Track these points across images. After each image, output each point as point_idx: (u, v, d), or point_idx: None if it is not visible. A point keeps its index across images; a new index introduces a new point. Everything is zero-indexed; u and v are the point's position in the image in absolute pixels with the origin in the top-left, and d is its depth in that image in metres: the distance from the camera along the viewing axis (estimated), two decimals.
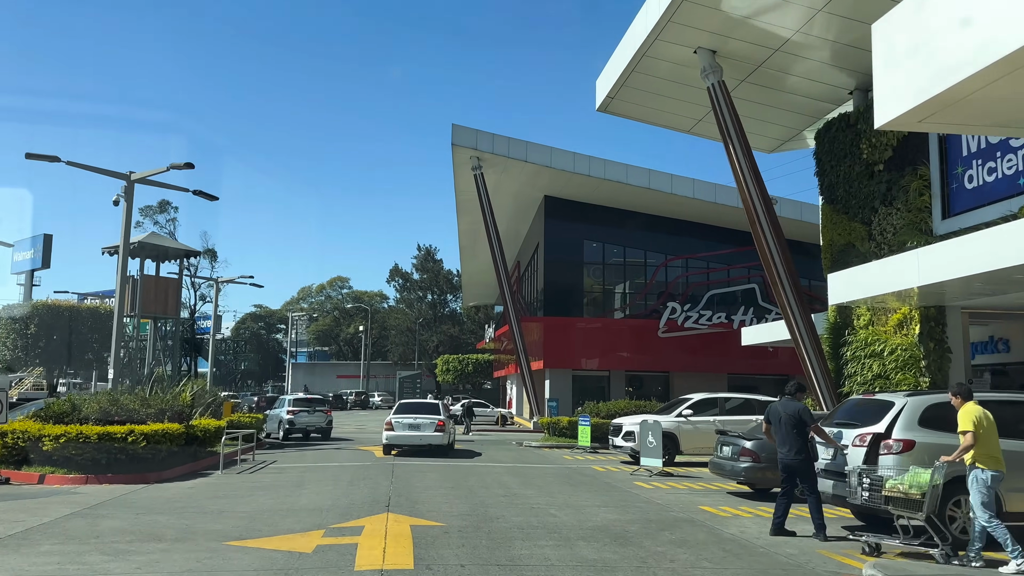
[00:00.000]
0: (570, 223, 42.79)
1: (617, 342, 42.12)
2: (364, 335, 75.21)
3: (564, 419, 26.96)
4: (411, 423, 21.83)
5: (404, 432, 21.76)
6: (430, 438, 21.66)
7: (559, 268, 42.61)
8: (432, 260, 79.55)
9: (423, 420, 21.80)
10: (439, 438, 21.67)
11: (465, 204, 45.93)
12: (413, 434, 21.71)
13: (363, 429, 38.88)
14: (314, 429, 28.72)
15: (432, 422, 21.79)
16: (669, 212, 42.53)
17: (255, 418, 25.54)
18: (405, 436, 21.77)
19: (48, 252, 74.79)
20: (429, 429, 21.69)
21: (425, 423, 21.73)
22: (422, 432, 21.68)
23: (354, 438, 30.55)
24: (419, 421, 21.80)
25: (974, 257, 11.76)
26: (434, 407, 23.26)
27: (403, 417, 21.99)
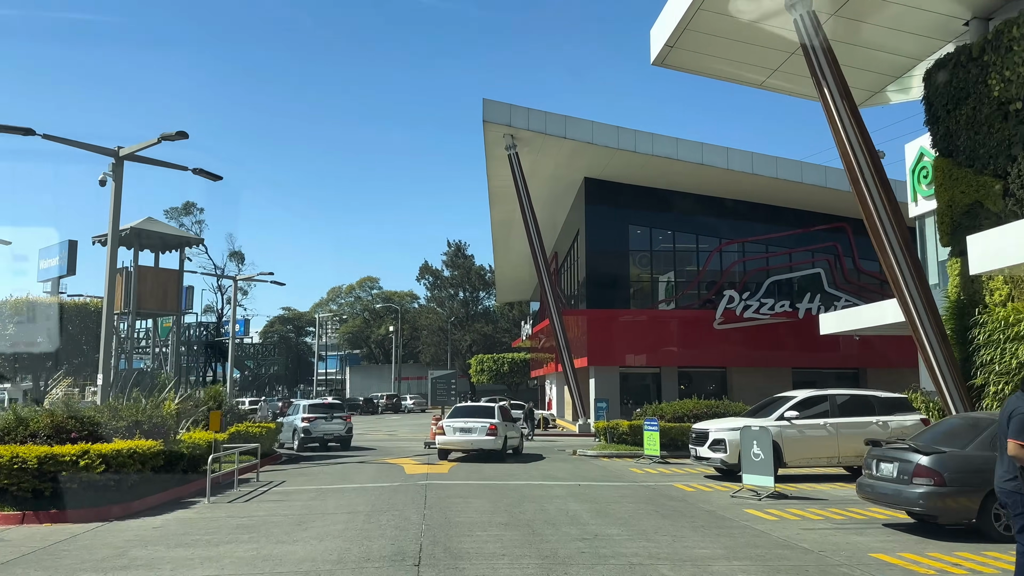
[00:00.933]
0: (613, 207, 38.58)
1: (667, 336, 37.82)
2: (394, 336, 71.46)
3: (624, 423, 22.75)
4: (462, 427, 20.90)
5: (455, 436, 20.93)
6: (481, 442, 20.70)
7: (602, 256, 38.39)
8: (463, 255, 75.49)
9: (475, 424, 20.83)
10: (490, 442, 20.63)
11: (498, 192, 41.91)
12: (464, 438, 20.86)
13: (393, 436, 34.99)
14: (332, 438, 24.95)
15: (483, 426, 20.72)
16: (723, 191, 38.15)
17: (265, 428, 21.73)
18: (456, 440, 20.98)
19: (73, 258, 72.19)
20: (480, 433, 20.66)
21: (476, 427, 20.75)
22: (473, 436, 20.73)
23: (379, 447, 26.63)
24: (470, 425, 20.86)
25: None
26: (487, 411, 21.99)
27: (454, 421, 21.19)
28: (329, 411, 25.58)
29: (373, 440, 31.64)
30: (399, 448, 25.92)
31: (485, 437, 20.49)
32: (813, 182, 35.58)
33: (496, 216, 46.85)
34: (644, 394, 38.78)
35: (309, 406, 25.68)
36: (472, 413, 21.70)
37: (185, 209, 77.08)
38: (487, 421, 20.80)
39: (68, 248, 71.90)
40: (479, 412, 21.83)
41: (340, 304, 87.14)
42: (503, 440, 20.88)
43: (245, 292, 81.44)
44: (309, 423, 24.65)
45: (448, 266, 75.83)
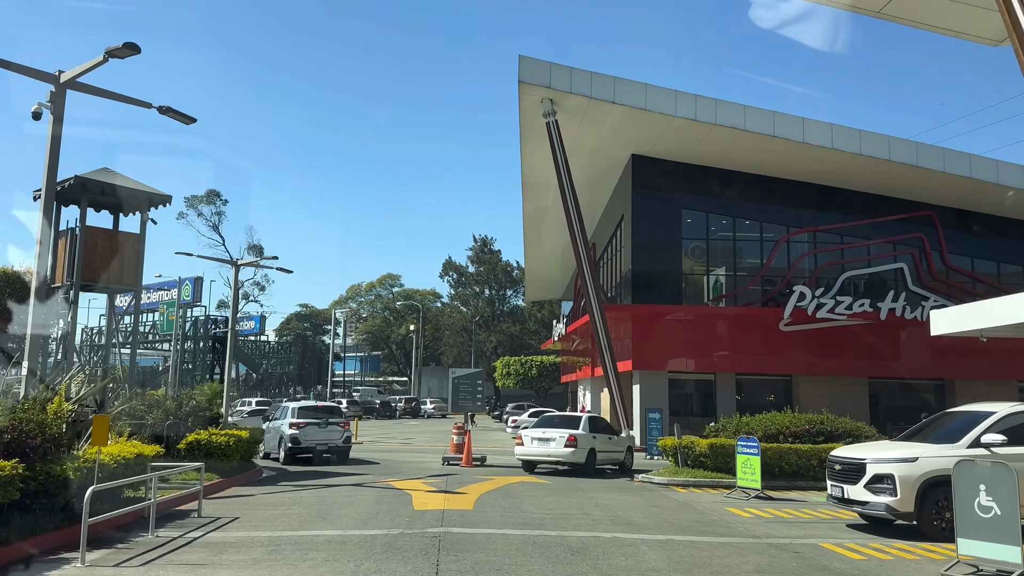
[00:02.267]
0: (664, 190, 33.02)
1: (724, 337, 32.16)
2: (415, 335, 66.27)
3: (700, 441, 17.12)
4: (540, 437, 19.20)
5: (532, 447, 19.26)
6: (560, 454, 18.79)
7: (650, 246, 32.81)
8: (489, 251, 70.01)
9: (553, 434, 18.97)
10: (570, 454, 18.64)
11: (532, 177, 36.70)
12: (540, 449, 19.12)
13: (408, 444, 29.65)
14: (326, 449, 19.73)
15: (562, 437, 18.70)
16: (791, 171, 32.50)
17: (233, 437, 16.46)
18: (533, 451, 19.27)
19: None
20: (559, 444, 18.73)
21: (555, 437, 18.84)
22: (550, 448, 18.90)
23: (387, 461, 21.29)
24: (548, 435, 19.07)
25: None
26: (572, 421, 19.86)
27: (533, 431, 19.61)
28: (323, 416, 20.35)
29: (383, 450, 26.32)
30: (411, 463, 20.56)
31: (564, 449, 18.40)
32: (903, 160, 29.82)
33: (528, 206, 41.54)
34: (695, 404, 33.18)
35: (298, 409, 20.44)
36: (555, 423, 19.70)
37: (207, 198, 72.58)
38: (566, 431, 18.62)
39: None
40: (561, 422, 19.73)
41: (360, 302, 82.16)
42: (586, 453, 18.60)
43: (262, 288, 76.88)
44: (298, 430, 19.49)
45: (473, 262, 70.44)
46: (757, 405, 34.20)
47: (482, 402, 20.11)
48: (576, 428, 18.95)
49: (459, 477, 16.66)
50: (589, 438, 18.82)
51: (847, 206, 33.51)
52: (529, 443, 19.11)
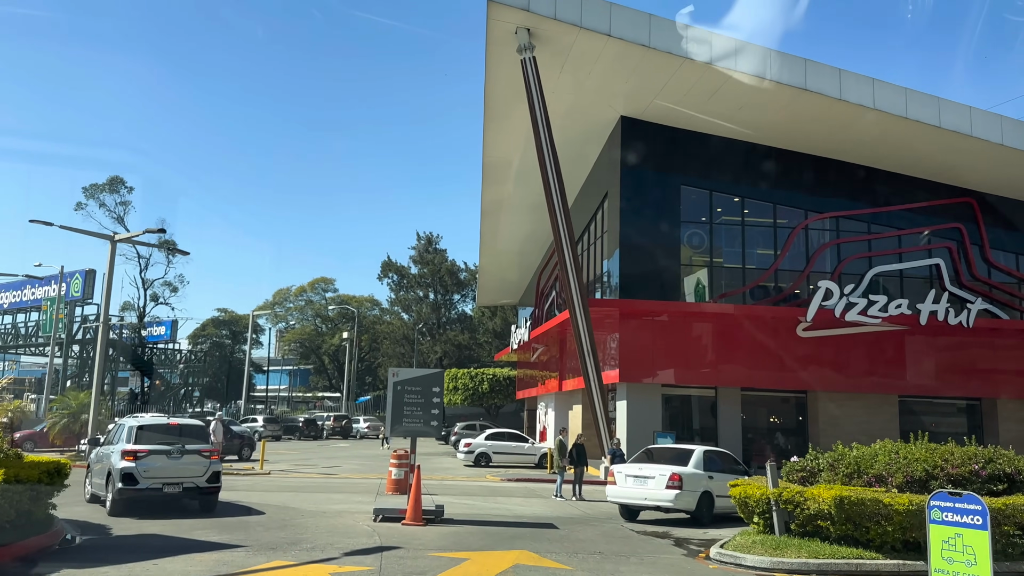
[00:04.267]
0: (659, 160, 26.73)
1: (729, 343, 25.91)
2: (349, 345, 58.27)
3: (823, 494, 9.84)
4: (636, 475, 14.71)
5: (628, 488, 14.80)
6: (660, 498, 14.22)
7: (641, 228, 26.38)
8: (434, 249, 62.44)
9: (652, 471, 14.44)
10: (674, 499, 14.10)
11: (495, 159, 30.44)
12: (637, 491, 14.58)
13: (330, 477, 22.29)
14: (180, 491, 12.44)
15: (663, 475, 14.21)
16: (815, 143, 26.65)
17: None
18: (629, 493, 14.78)
19: None
20: (658, 485, 14.23)
21: (654, 476, 14.33)
22: (648, 489, 14.35)
23: (282, 511, 13.96)
24: (646, 472, 14.53)
25: None
26: (680, 455, 15.16)
27: (629, 466, 15.15)
28: (173, 438, 12.99)
29: (289, 486, 18.89)
30: (323, 516, 13.29)
31: (664, 491, 14.21)
32: (955, 127, 24.15)
33: (488, 195, 34.88)
34: (691, 425, 26.70)
35: (138, 430, 13.07)
36: (656, 456, 15.44)
37: (110, 186, 63.34)
38: (669, 468, 14.31)
39: None
40: (666, 455, 15.38)
41: (288, 308, 73.53)
42: (697, 497, 14.35)
43: (175, 289, 67.78)
44: (135, 461, 12.35)
45: (416, 262, 62.72)
46: (765, 427, 28.06)
47: (440, 423, 12.87)
48: (684, 464, 14.51)
49: (406, 558, 9.47)
50: (702, 478, 14.45)
51: (875, 189, 27.83)
52: (623, 482, 14.82)
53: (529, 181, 32.37)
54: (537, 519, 13.96)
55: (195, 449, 13.14)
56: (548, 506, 16.52)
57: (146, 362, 54.22)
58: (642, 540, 12.02)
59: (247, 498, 15.85)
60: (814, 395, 26.80)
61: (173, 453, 12.84)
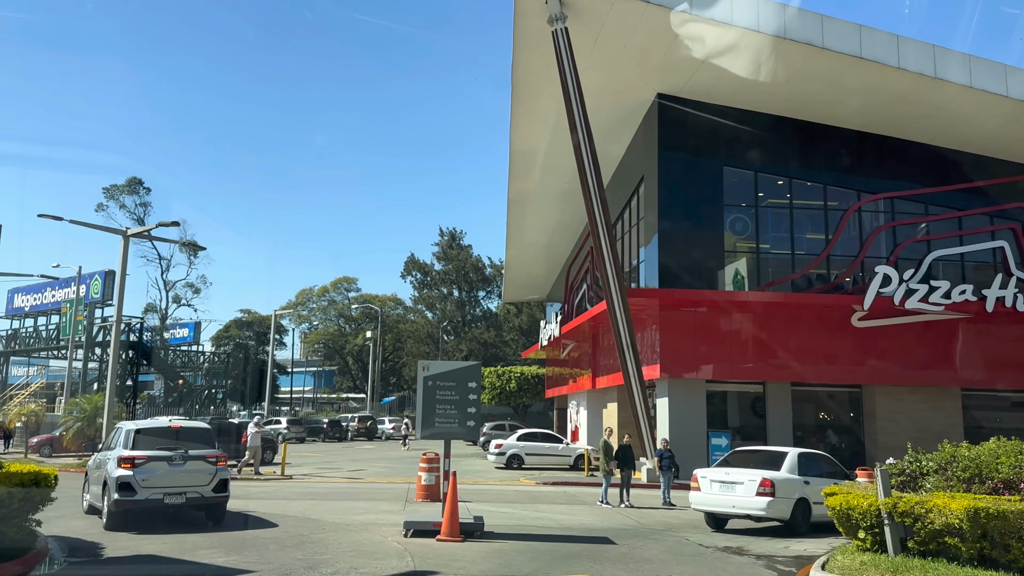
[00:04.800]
0: (698, 141, 24.93)
1: (777, 335, 24.05)
2: (372, 344, 56.88)
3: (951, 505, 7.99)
4: (723, 480, 13.09)
5: (714, 495, 13.22)
6: (750, 506, 12.63)
7: (682, 213, 24.59)
8: (458, 245, 60.81)
9: (740, 476, 12.86)
10: (765, 507, 12.49)
11: (522, 148, 28.75)
12: (724, 498, 13.01)
13: (356, 481, 20.78)
14: (183, 502, 10.99)
15: (752, 481, 12.61)
16: (867, 118, 24.68)
17: None
18: (715, 500, 13.21)
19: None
20: (747, 492, 12.66)
21: (743, 481, 12.75)
22: (736, 496, 12.79)
23: (301, 523, 12.42)
24: (733, 477, 12.95)
25: None
26: (772, 457, 13.54)
27: (714, 471, 13.54)
28: (179, 444, 11.53)
29: (311, 492, 17.39)
30: (347, 531, 11.74)
31: (754, 498, 12.55)
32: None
33: (515, 188, 33.22)
34: (738, 423, 24.83)
35: (136, 433, 11.59)
36: (744, 459, 13.95)
37: (128, 187, 62.67)
38: (759, 473, 12.68)
39: None
40: (755, 458, 13.91)
41: (311, 308, 72.40)
42: (792, 505, 12.74)
43: (197, 291, 67.04)
44: (133, 469, 10.94)
45: (440, 259, 61.18)
46: (816, 425, 26.16)
47: (478, 423, 11.18)
48: (776, 468, 13.03)
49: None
50: (796, 483, 12.96)
51: (932, 167, 25.76)
52: (708, 488, 13.34)
53: (557, 168, 30.71)
54: (589, 532, 12.28)
55: (199, 454, 11.64)
56: (596, 515, 14.83)
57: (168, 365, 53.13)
58: (718, 558, 10.29)
59: (263, 507, 14.34)
60: (870, 389, 24.87)
61: (175, 459, 11.36)
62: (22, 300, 51.25)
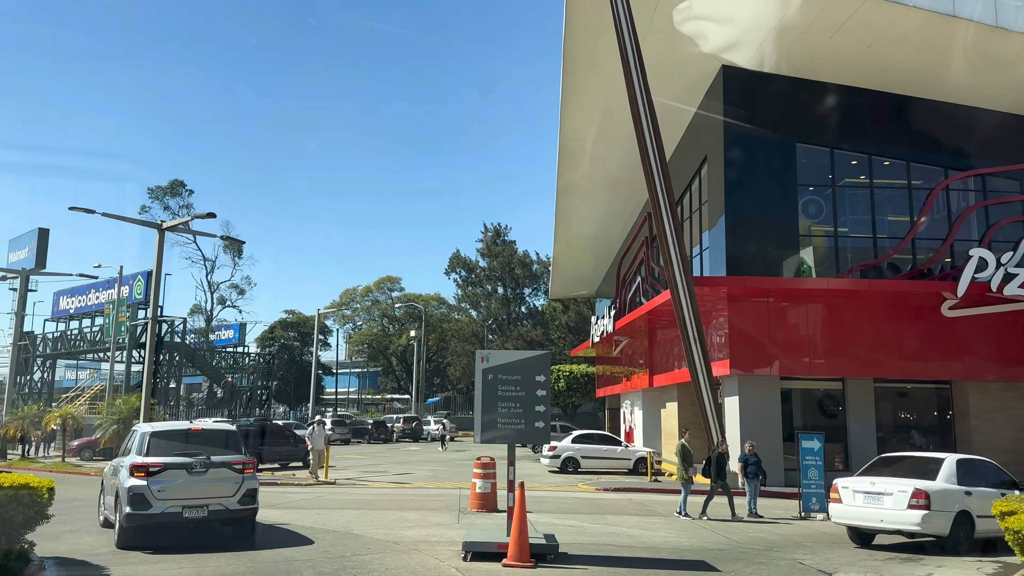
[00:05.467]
0: (769, 114, 22.79)
1: (860, 326, 21.77)
2: (416, 344, 55.48)
3: None
4: (868, 491, 11.35)
5: (856, 507, 11.47)
6: (901, 521, 10.87)
7: (751, 194, 22.47)
8: (503, 241, 59.04)
9: (889, 486, 11.09)
10: (916, 520, 10.71)
11: (572, 131, 26.87)
12: (870, 511, 11.24)
13: (403, 485, 19.15)
14: (205, 516, 9.52)
15: (903, 492, 10.86)
16: (956, 90, 22.26)
17: None
18: (859, 514, 11.42)
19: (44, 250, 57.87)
20: (897, 504, 10.88)
21: (892, 492, 11.00)
22: (884, 509, 11.06)
23: (340, 539, 10.70)
24: (880, 488, 11.20)
25: None
26: (927, 465, 11.50)
27: (857, 480, 11.67)
28: (199, 450, 9.95)
29: (355, 500, 15.78)
30: (395, 545, 10.03)
31: (906, 511, 10.59)
32: None
33: (565, 178, 31.33)
34: (813, 423, 22.56)
35: (151, 437, 10.03)
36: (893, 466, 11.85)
37: (171, 189, 62.39)
38: (911, 483, 10.74)
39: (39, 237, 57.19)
40: (908, 467, 11.75)
41: (355, 308, 71.38)
42: (952, 519, 10.71)
43: (241, 291, 66.46)
44: (147, 478, 9.41)
45: (484, 255, 59.44)
46: (900, 424, 23.78)
47: (546, 424, 9.29)
48: (931, 477, 11.23)
49: None
50: (956, 494, 11.13)
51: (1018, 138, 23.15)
52: (850, 499, 11.64)
53: (607, 154, 28.83)
54: (679, 553, 10.38)
55: (223, 461, 10.06)
56: (676, 529, 12.88)
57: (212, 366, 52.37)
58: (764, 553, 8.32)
59: (300, 519, 12.73)
60: (961, 386, 22.43)
61: (195, 467, 9.80)
62: (67, 302, 51.04)
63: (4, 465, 27.00)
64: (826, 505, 15.15)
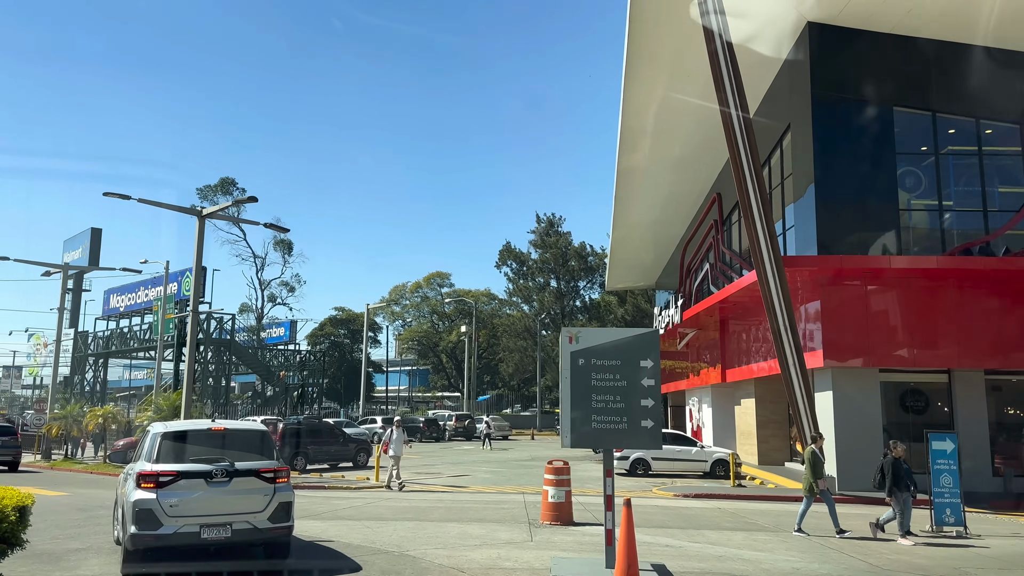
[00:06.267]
0: (862, 75, 20.21)
1: (970, 311, 19.06)
2: (467, 340, 53.75)
3: None
4: None
5: None
6: None
7: (842, 164, 19.91)
8: (556, 232, 56.81)
9: None
10: None
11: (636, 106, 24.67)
12: None
13: (460, 489, 17.26)
14: (230, 535, 7.71)
15: None
16: None
17: None
18: None
19: (97, 249, 57.90)
20: None
21: None
22: None
23: (396, 561, 8.64)
24: None
25: None
26: None
27: None
28: (221, 456, 8.07)
29: (412, 503, 13.94)
30: (459, 570, 8.02)
31: None
32: None
33: (626, 161, 29.00)
34: (915, 419, 19.90)
35: (163, 438, 8.19)
36: None
37: (221, 187, 61.87)
38: None
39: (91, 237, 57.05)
40: None
41: (404, 305, 70.06)
42: None
43: (292, 289, 65.68)
44: (157, 491, 7.50)
45: (537, 247, 57.30)
46: (1018, 422, 20.94)
47: (656, 423, 7.18)
48: None
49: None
50: None
51: None
52: None
53: (672, 131, 26.49)
54: None
55: (250, 468, 8.17)
56: (798, 550, 10.60)
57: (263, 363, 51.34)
58: None
59: (347, 534, 10.86)
60: None
61: (216, 476, 7.95)
62: (117, 300, 50.66)
63: (46, 466, 26.01)
64: (963, 518, 12.69)
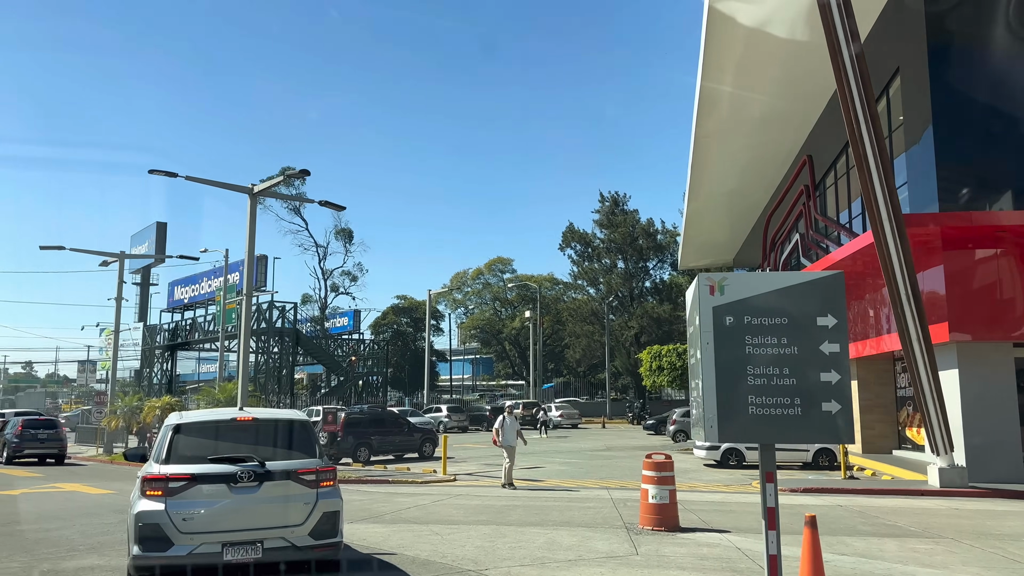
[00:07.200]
0: (983, 10, 17.30)
1: None
2: (532, 325, 51.83)
3: None
4: None
5: None
6: None
7: (963, 111, 17.08)
8: (622, 211, 54.05)
9: None
10: None
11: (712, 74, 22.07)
12: None
13: (535, 479, 15.33)
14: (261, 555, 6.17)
15: None
16: None
17: None
18: None
19: (163, 243, 58.12)
20: None
21: None
22: None
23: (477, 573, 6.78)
24: None
25: None
26: None
27: None
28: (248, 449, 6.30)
29: (484, 501, 12.08)
30: None
31: None
32: None
33: (703, 127, 26.39)
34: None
35: (175, 432, 6.48)
36: None
37: (284, 178, 61.26)
38: None
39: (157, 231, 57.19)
40: None
41: (466, 292, 68.58)
42: None
43: (354, 278, 64.91)
44: (166, 500, 5.77)
45: (602, 226, 54.70)
46: None
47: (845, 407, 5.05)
48: None
49: None
50: None
51: None
52: None
53: (754, 88, 23.82)
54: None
55: (286, 469, 6.37)
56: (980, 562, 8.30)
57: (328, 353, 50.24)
58: None
59: (412, 544, 9.03)
60: None
61: (242, 479, 6.19)
62: (181, 292, 50.49)
63: (106, 459, 25.22)
64: None
